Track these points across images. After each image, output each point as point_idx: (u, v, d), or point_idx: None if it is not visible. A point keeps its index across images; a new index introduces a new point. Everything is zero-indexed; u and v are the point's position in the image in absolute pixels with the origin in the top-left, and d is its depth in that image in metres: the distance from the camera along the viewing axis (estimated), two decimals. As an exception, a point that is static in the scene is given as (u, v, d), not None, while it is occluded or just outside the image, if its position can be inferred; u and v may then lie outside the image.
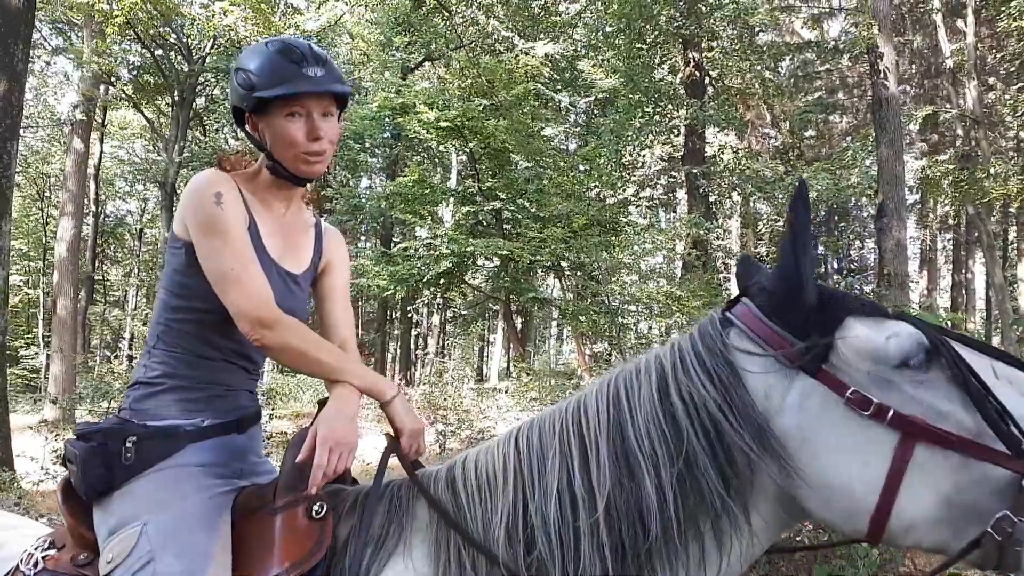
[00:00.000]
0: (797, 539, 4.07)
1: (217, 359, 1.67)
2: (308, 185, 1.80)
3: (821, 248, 25.98)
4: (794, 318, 1.25)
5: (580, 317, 13.57)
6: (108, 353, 26.09)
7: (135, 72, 22.19)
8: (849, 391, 1.17)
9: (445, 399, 13.13)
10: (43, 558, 1.59)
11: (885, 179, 10.39)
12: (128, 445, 1.53)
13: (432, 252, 16.37)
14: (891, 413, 1.13)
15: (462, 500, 1.41)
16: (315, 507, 1.46)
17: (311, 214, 1.90)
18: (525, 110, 17.06)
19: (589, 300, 11.80)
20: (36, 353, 28.43)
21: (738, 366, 1.26)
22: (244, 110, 1.68)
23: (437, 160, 24.61)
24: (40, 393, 22.24)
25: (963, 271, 25.86)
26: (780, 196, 17.99)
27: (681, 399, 1.27)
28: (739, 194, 19.26)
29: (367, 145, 22.39)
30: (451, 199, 18.77)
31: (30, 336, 30.57)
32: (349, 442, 1.50)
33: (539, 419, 1.44)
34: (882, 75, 10.77)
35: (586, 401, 1.39)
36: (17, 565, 1.62)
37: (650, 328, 14.10)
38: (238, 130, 1.83)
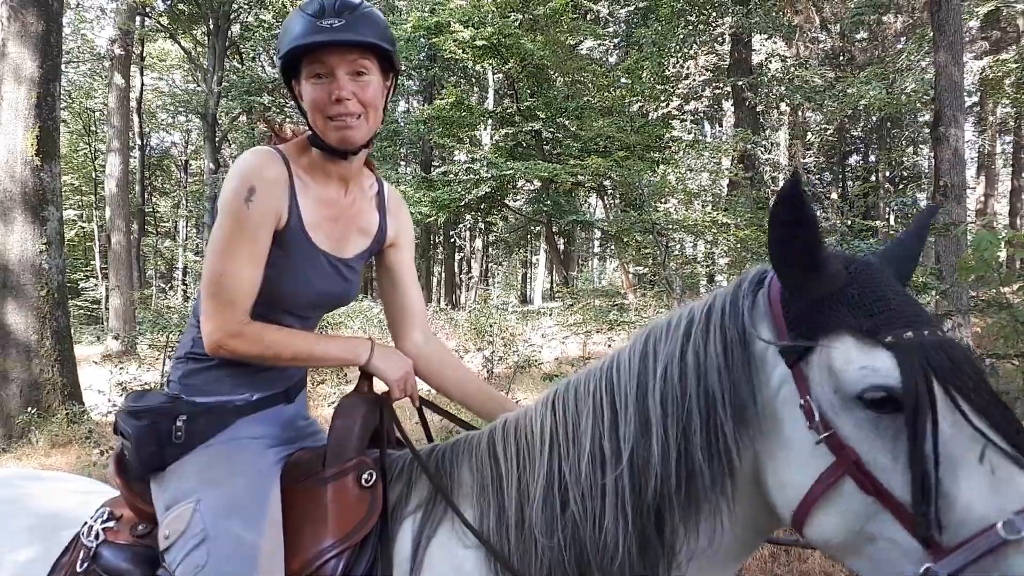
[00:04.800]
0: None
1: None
2: (361, 154, 1.63)
3: (873, 158, 25.12)
4: (791, 310, 1.20)
5: (623, 238, 13.48)
6: (163, 284, 26.85)
7: (170, 1, 22.03)
8: (803, 398, 1.15)
9: (490, 324, 13.27)
10: (103, 529, 1.61)
11: (943, 85, 9.87)
12: (179, 424, 1.53)
13: (472, 176, 16.30)
14: (830, 435, 1.11)
15: (502, 465, 1.43)
16: (364, 475, 1.49)
17: (372, 179, 1.77)
18: (563, 24, 16.57)
19: (632, 222, 11.68)
20: (95, 285, 29.40)
21: (749, 331, 1.23)
22: (283, 75, 1.60)
23: (474, 81, 24.18)
24: (102, 324, 23.09)
25: (1023, 175, 24.81)
26: (830, 104, 17.36)
27: (696, 357, 1.26)
28: (787, 104, 18.61)
29: (403, 68, 22.05)
30: (489, 121, 18.54)
31: (88, 268, 31.57)
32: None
33: (575, 379, 1.44)
34: (941, -29, 10.13)
35: (619, 357, 1.39)
36: (78, 536, 1.63)
37: (695, 247, 13.96)
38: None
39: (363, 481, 1.49)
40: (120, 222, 17.10)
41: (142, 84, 24.84)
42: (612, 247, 19.80)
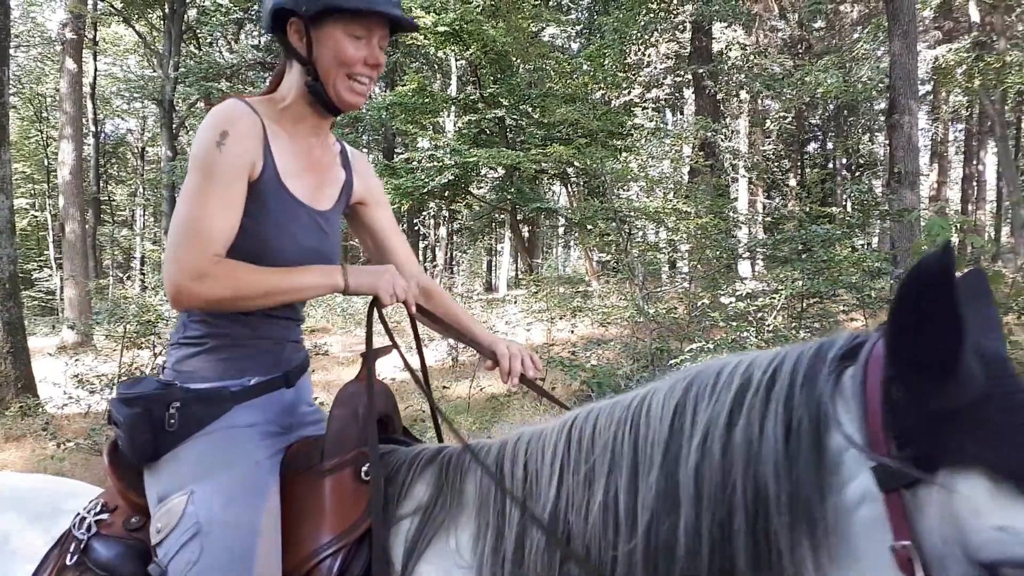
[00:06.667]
0: None
1: (258, 311, 1.55)
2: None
3: (830, 145, 25.54)
4: (902, 418, 0.90)
5: (587, 226, 13.55)
6: (120, 274, 26.30)
7: (122, -16, 21.50)
8: (901, 542, 0.87)
9: (455, 312, 13.23)
10: (96, 522, 1.54)
11: (897, 74, 10.06)
12: (172, 411, 1.45)
13: (435, 163, 16.22)
14: None
15: (506, 484, 1.30)
16: (364, 469, 1.42)
17: (333, 138, 1.74)
18: (524, 11, 16.54)
19: (596, 209, 11.76)
20: (49, 275, 28.73)
21: (826, 421, 0.96)
22: (296, 12, 1.49)
23: (436, 67, 24.02)
24: (57, 315, 22.60)
25: (974, 162, 25.45)
26: (789, 92, 17.60)
27: (747, 435, 1.01)
28: (747, 92, 18.82)
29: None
30: (452, 108, 18.45)
31: (42, 259, 30.83)
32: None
33: (600, 408, 1.26)
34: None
35: (652, 398, 1.15)
36: (69, 529, 1.56)
37: (657, 233, 14.10)
38: (269, 37, 1.61)
39: (363, 475, 1.41)
40: (74, 211, 16.71)
41: (95, 69, 24.23)
42: (576, 234, 19.89)
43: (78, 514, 1.57)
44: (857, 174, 25.16)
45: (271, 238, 1.50)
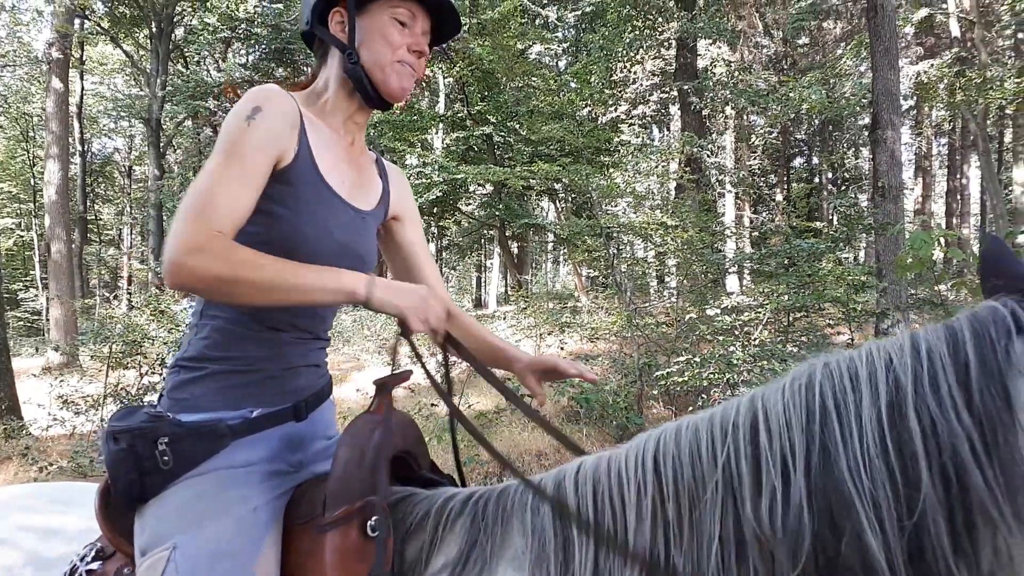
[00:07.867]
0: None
1: (273, 327, 1.40)
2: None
3: (816, 160, 25.75)
4: None
5: (575, 242, 13.62)
6: (107, 293, 26.14)
7: (110, 3, 21.52)
8: None
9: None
10: (87, 572, 1.40)
11: (879, 90, 10.18)
12: (160, 448, 1.26)
13: (423, 180, 16.26)
14: None
15: (573, 532, 1.10)
16: (371, 522, 1.21)
17: (366, 148, 1.64)
18: (511, 29, 16.68)
19: (583, 225, 11.83)
20: (35, 295, 28.54)
21: (1016, 397, 0.87)
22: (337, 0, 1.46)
23: (424, 85, 24.14)
24: (43, 336, 22.43)
25: (958, 176, 25.70)
26: (774, 108, 17.77)
27: (921, 426, 0.89)
28: (732, 108, 18.98)
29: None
30: (440, 125, 18.53)
31: (28, 279, 30.64)
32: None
33: (688, 426, 1.07)
34: (876, -21, 10.46)
35: (765, 408, 1.00)
36: None
37: (645, 248, 14.16)
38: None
39: (369, 530, 1.21)
40: (60, 230, 16.63)
41: (82, 88, 24.22)
42: (565, 250, 19.97)
43: (71, 562, 1.44)
44: (842, 188, 25.39)
45: (305, 228, 1.35)
